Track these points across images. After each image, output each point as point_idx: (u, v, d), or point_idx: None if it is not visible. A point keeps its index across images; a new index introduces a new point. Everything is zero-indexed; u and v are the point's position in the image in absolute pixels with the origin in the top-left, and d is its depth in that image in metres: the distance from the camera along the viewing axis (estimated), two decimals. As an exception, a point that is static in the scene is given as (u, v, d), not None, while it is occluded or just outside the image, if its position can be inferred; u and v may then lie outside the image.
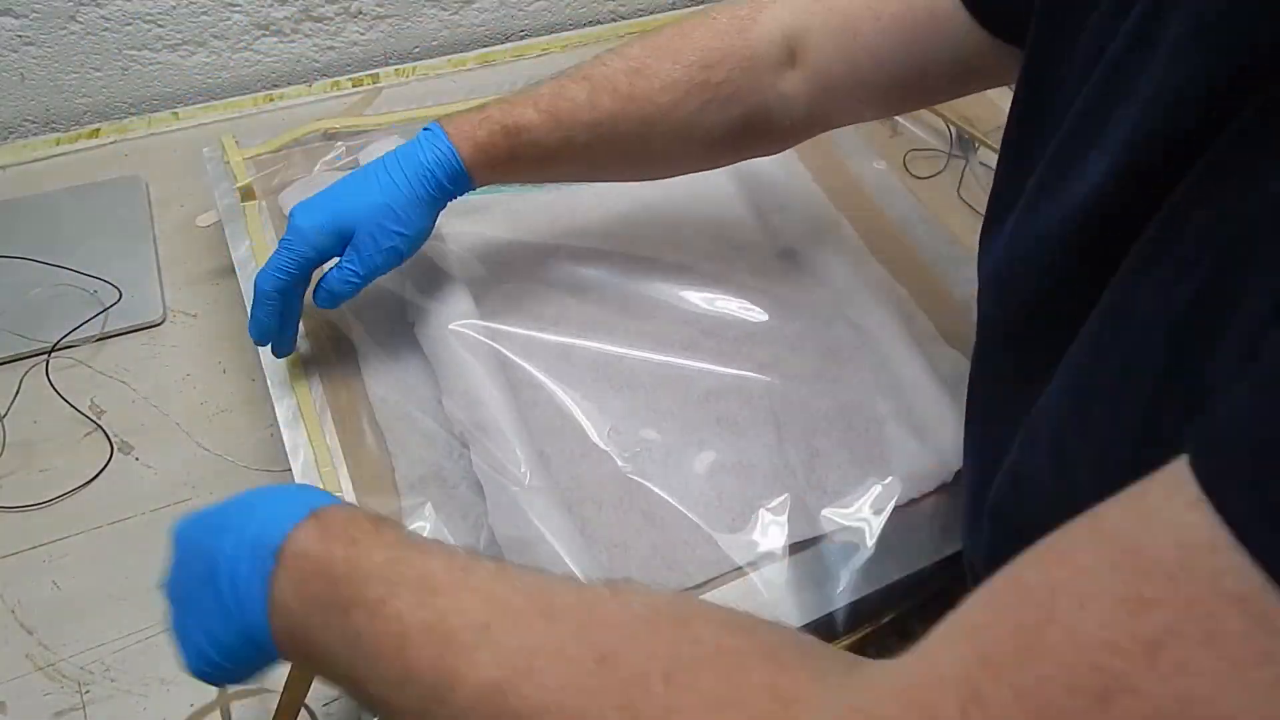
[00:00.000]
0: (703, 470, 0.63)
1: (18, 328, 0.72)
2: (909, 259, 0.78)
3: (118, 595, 0.61)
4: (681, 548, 0.59)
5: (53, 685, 0.57)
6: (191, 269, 0.80)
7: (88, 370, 0.72)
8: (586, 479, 0.62)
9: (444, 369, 0.65)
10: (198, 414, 0.70)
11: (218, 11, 0.91)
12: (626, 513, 0.60)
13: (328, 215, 0.60)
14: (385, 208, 0.59)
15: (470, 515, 0.61)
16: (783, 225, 0.79)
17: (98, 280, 0.75)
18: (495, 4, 1.04)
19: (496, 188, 0.80)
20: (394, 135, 0.80)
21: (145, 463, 0.67)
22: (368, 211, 0.59)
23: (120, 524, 0.64)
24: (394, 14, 0.99)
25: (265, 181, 0.78)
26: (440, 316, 0.67)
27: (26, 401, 0.69)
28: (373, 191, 0.60)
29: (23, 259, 0.75)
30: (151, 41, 0.91)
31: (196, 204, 0.83)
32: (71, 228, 0.80)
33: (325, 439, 0.63)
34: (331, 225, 0.59)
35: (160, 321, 0.75)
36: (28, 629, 0.59)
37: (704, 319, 0.72)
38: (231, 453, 0.68)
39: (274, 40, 0.96)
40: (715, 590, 0.58)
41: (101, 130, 0.90)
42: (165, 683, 0.58)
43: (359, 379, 0.68)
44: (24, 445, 0.67)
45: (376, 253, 0.60)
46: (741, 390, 0.68)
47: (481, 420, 0.61)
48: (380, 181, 0.60)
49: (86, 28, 0.87)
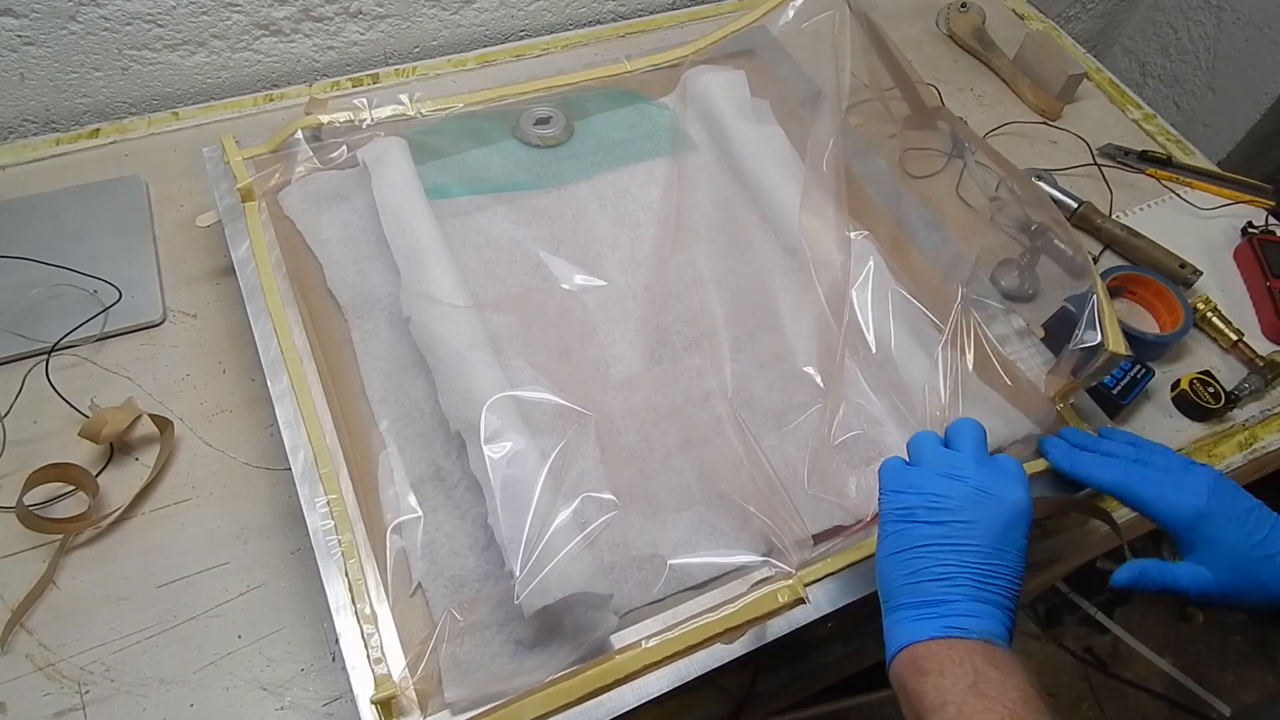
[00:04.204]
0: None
1: (18, 328, 0.72)
2: (906, 253, 0.78)
3: (118, 595, 0.61)
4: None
5: (53, 685, 0.57)
6: (191, 269, 0.80)
7: (88, 370, 0.72)
8: (588, 477, 0.62)
9: (441, 366, 0.65)
10: (198, 414, 0.70)
11: (218, 11, 0.91)
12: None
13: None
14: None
15: (470, 515, 0.61)
16: (784, 224, 0.79)
17: (98, 280, 0.75)
18: (495, 4, 1.04)
19: (495, 187, 0.81)
20: (393, 135, 0.80)
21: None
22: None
23: (120, 524, 0.64)
24: (394, 14, 0.99)
25: (265, 181, 0.78)
26: (438, 314, 0.67)
27: (27, 401, 0.69)
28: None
29: (23, 259, 0.75)
30: (151, 41, 0.91)
31: (196, 204, 0.83)
32: (71, 228, 0.80)
33: (325, 439, 0.63)
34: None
35: (160, 321, 0.75)
36: (28, 629, 0.59)
37: (705, 318, 0.72)
38: (231, 452, 0.69)
39: (274, 40, 0.96)
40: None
41: (101, 130, 0.90)
42: (165, 683, 0.58)
43: (359, 379, 0.68)
44: (24, 445, 0.67)
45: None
46: (743, 390, 0.68)
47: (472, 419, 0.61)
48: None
49: (86, 28, 0.87)
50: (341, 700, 0.58)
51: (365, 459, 0.63)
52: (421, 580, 0.59)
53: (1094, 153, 0.99)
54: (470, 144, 0.83)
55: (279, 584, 0.63)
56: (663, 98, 0.90)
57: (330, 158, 0.80)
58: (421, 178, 0.77)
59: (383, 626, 0.55)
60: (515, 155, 0.84)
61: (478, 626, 0.56)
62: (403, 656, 0.54)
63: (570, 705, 0.54)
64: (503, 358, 0.65)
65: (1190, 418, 0.79)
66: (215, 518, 0.65)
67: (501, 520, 0.56)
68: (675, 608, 0.58)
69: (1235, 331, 0.83)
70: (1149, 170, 0.99)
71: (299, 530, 0.62)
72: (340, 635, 0.55)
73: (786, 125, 0.86)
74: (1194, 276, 0.88)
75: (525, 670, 0.54)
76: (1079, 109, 1.05)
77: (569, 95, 0.89)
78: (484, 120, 0.85)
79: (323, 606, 0.56)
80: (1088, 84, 1.07)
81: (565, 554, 0.54)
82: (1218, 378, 0.79)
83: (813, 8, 0.85)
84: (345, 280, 0.73)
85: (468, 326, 0.66)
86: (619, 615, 0.57)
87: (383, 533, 0.60)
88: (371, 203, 0.75)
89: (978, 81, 1.07)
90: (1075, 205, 0.91)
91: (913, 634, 0.48)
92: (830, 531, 0.62)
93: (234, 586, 0.62)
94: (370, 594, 0.56)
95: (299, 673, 0.59)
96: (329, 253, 0.75)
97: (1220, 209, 0.96)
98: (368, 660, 0.54)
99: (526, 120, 0.85)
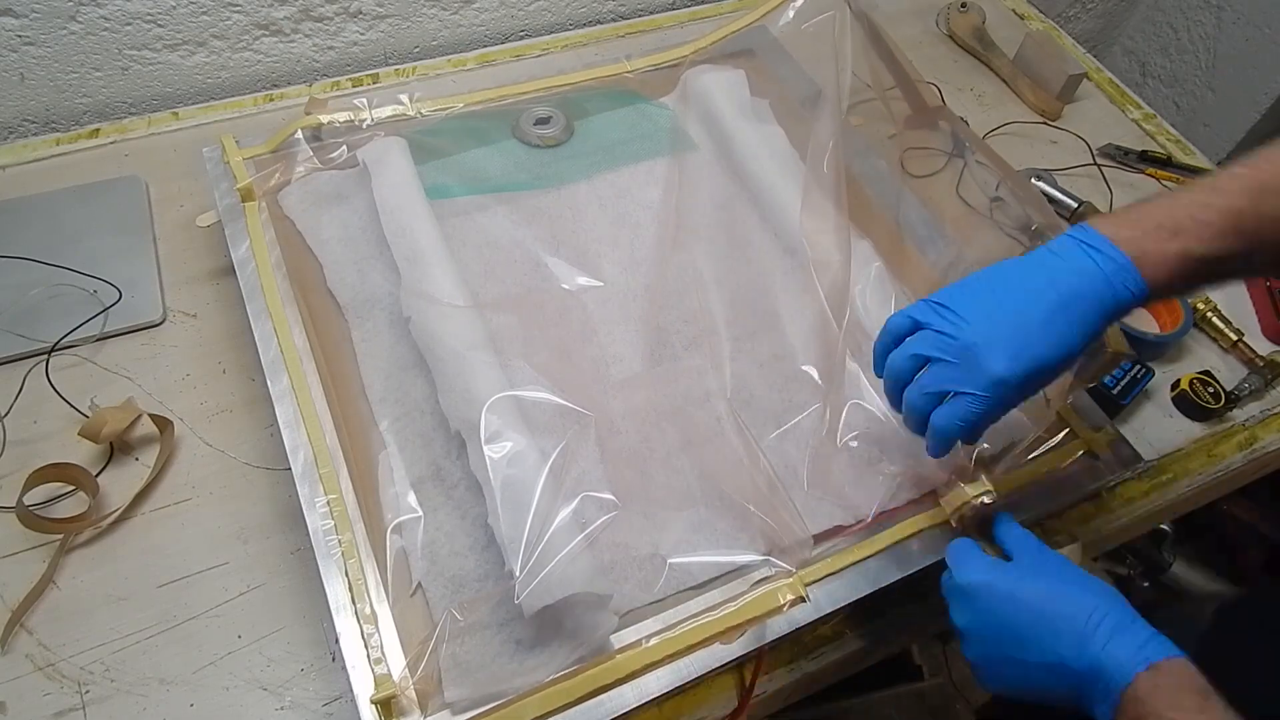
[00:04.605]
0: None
1: (18, 328, 0.72)
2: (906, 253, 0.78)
3: (118, 595, 0.61)
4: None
5: (53, 685, 0.57)
6: (191, 269, 0.80)
7: (88, 370, 0.72)
8: (588, 477, 0.62)
9: (441, 366, 0.65)
10: (198, 414, 0.70)
11: (218, 11, 0.91)
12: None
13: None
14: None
15: (470, 515, 0.61)
16: (784, 224, 0.79)
17: (98, 280, 0.75)
18: (495, 4, 1.04)
19: (495, 187, 0.81)
20: (393, 135, 0.80)
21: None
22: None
23: (120, 524, 0.64)
24: (394, 14, 0.99)
25: (265, 181, 0.78)
26: (439, 314, 0.67)
27: (27, 401, 0.69)
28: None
29: (23, 259, 0.75)
30: (151, 41, 0.91)
31: (196, 204, 0.83)
32: (71, 228, 0.80)
33: (325, 439, 0.63)
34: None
35: (160, 321, 0.75)
36: (28, 629, 0.59)
37: (705, 317, 0.72)
38: (231, 452, 0.68)
39: (274, 40, 0.96)
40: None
41: (101, 130, 0.90)
42: (165, 683, 0.58)
43: (359, 379, 0.68)
44: (24, 445, 0.67)
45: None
46: (742, 390, 0.68)
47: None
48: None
49: (86, 28, 0.87)
50: (341, 700, 0.58)
51: (365, 459, 0.63)
52: (421, 580, 0.59)
53: (1094, 153, 0.99)
54: (470, 144, 0.83)
55: (279, 584, 0.63)
56: (663, 98, 0.90)
57: (330, 158, 0.80)
58: (421, 178, 0.77)
59: (383, 626, 0.55)
60: (515, 155, 0.84)
61: (478, 626, 0.56)
62: (403, 656, 0.54)
63: (570, 705, 0.54)
64: (503, 358, 0.65)
65: (1190, 418, 0.79)
66: (215, 518, 0.65)
67: (501, 520, 0.56)
68: (675, 607, 0.58)
69: (1235, 331, 0.83)
70: (1149, 170, 0.99)
71: (299, 530, 0.62)
72: (340, 635, 0.55)
73: (786, 125, 0.86)
74: (1194, 276, 0.88)
75: (525, 670, 0.54)
76: (1079, 109, 1.05)
77: (569, 95, 0.89)
78: (484, 120, 0.85)
79: (323, 606, 0.56)
80: (1088, 84, 1.07)
81: (565, 554, 0.54)
82: (1218, 378, 0.79)
83: (813, 8, 0.85)
84: (345, 280, 0.73)
85: (468, 326, 0.66)
86: (619, 615, 0.57)
87: (383, 533, 0.60)
88: (371, 203, 0.75)
89: (978, 81, 1.06)
90: (1075, 205, 0.91)
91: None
92: (830, 531, 0.62)
93: (234, 586, 0.62)
94: (370, 594, 0.56)
95: (299, 673, 0.59)
96: (329, 253, 0.75)
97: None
98: (368, 660, 0.54)
99: (526, 120, 0.85)
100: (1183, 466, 0.76)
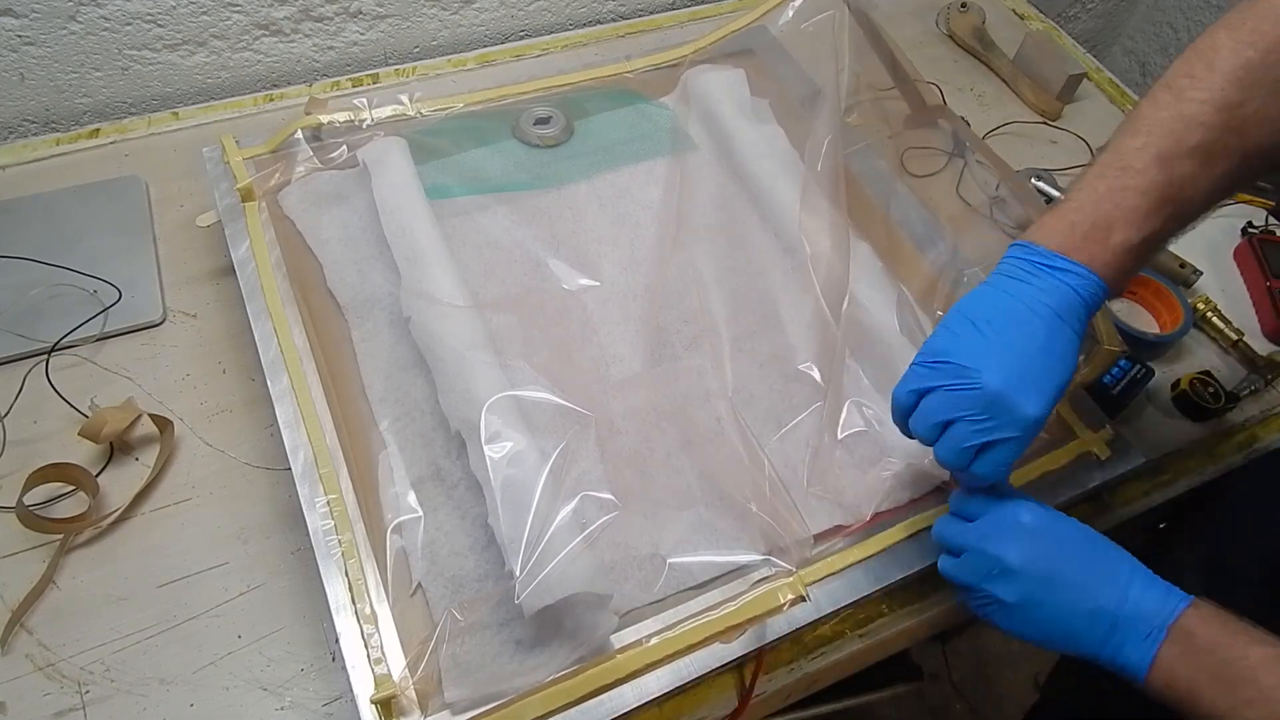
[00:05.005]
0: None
1: (18, 328, 0.72)
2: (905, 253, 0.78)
3: (118, 595, 0.61)
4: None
5: (53, 685, 0.57)
6: (191, 269, 0.80)
7: (88, 370, 0.72)
8: (588, 477, 0.62)
9: (441, 366, 0.65)
10: (198, 414, 0.70)
11: (218, 11, 0.91)
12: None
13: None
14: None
15: (470, 515, 0.61)
16: (783, 224, 0.79)
17: (98, 280, 0.75)
18: (495, 4, 1.04)
19: (495, 187, 0.81)
20: (393, 135, 0.80)
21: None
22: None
23: (120, 524, 0.64)
24: (394, 14, 0.99)
25: (265, 181, 0.78)
26: (439, 314, 0.67)
27: (27, 401, 0.69)
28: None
29: (23, 259, 0.75)
30: (151, 41, 0.91)
31: (196, 204, 0.83)
32: (71, 228, 0.80)
33: (325, 439, 0.63)
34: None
35: (160, 321, 0.75)
36: (28, 629, 0.59)
37: (705, 317, 0.72)
38: (231, 452, 0.68)
39: (274, 40, 0.96)
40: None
41: (101, 130, 0.90)
42: (165, 683, 0.58)
43: (359, 379, 0.68)
44: (24, 445, 0.67)
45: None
46: (743, 389, 0.68)
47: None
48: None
49: (86, 28, 0.87)
50: (341, 700, 0.58)
51: (365, 459, 0.63)
52: (421, 580, 0.59)
53: (1094, 153, 0.99)
54: (470, 144, 0.83)
55: (279, 584, 0.63)
56: (663, 98, 0.90)
57: (330, 158, 0.80)
58: (421, 178, 0.77)
59: (383, 626, 0.55)
60: (515, 155, 0.84)
61: (478, 626, 0.56)
62: (403, 656, 0.54)
63: (570, 705, 0.54)
64: (503, 358, 0.65)
65: (1190, 418, 0.79)
66: (215, 518, 0.65)
67: (502, 520, 0.56)
68: (675, 607, 0.58)
69: (1235, 331, 0.83)
70: (1149, 170, 0.98)
71: (299, 530, 0.62)
72: (340, 635, 0.55)
73: (786, 125, 0.86)
74: (1194, 276, 0.88)
75: (525, 670, 0.54)
76: (1079, 109, 1.05)
77: (569, 95, 0.89)
78: (484, 120, 0.85)
79: (323, 606, 0.56)
80: (1088, 84, 1.07)
81: (565, 554, 0.54)
82: (1218, 378, 0.79)
83: (812, 7, 0.85)
84: (345, 280, 0.73)
85: (468, 326, 0.66)
86: (619, 615, 0.57)
87: (383, 533, 0.60)
88: (371, 203, 0.75)
89: (978, 81, 1.06)
90: (1075, 205, 0.91)
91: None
92: (831, 531, 0.62)
93: (234, 586, 0.62)
94: (370, 594, 0.56)
95: (299, 673, 0.59)
96: (329, 253, 0.75)
97: (1220, 209, 0.96)
98: (368, 660, 0.54)
99: (526, 120, 0.85)
100: (1183, 466, 0.76)
